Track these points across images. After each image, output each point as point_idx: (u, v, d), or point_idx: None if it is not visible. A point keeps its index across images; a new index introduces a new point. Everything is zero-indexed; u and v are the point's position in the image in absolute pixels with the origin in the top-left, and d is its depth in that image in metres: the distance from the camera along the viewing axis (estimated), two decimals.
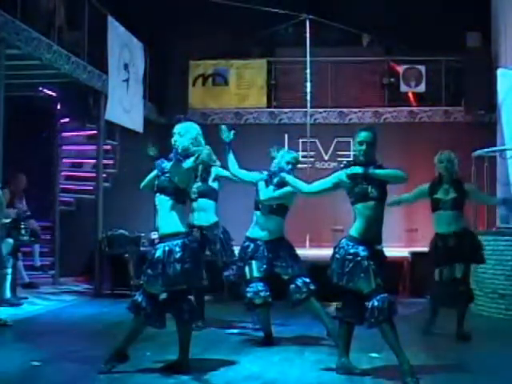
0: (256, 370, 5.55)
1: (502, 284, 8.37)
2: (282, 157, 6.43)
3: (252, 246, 6.45)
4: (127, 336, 5.32)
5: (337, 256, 5.21)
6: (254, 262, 6.40)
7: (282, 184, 6.12)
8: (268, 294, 6.34)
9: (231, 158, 6.25)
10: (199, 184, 7.32)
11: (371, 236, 5.19)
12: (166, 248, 5.18)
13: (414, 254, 10.53)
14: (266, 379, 5.28)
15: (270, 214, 6.45)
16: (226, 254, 7.45)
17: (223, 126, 6.11)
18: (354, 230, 5.23)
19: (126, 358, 5.30)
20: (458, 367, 5.73)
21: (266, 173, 6.50)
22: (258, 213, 6.51)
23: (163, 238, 5.28)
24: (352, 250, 5.14)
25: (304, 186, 5.61)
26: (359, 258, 5.10)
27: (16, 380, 5.28)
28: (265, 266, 6.38)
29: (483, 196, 7.35)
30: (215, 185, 7.46)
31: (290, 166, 6.32)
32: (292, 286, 6.37)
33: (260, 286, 6.33)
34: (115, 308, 8.72)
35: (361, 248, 5.13)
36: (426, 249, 7.43)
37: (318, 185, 5.51)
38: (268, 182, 6.44)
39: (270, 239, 6.43)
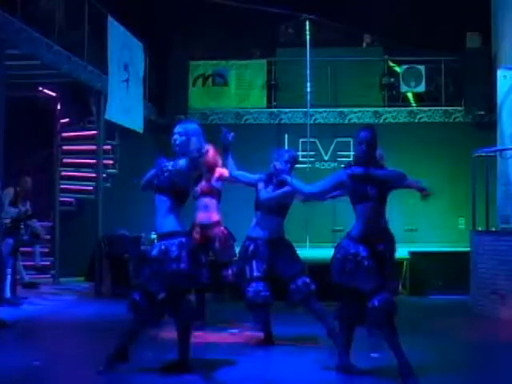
0: (256, 370, 5.55)
1: (502, 284, 8.36)
2: (280, 156, 6.43)
3: (252, 245, 6.44)
4: (127, 336, 5.32)
5: (337, 256, 5.21)
6: (254, 262, 6.38)
7: (281, 184, 6.11)
8: (268, 293, 6.32)
9: (230, 160, 6.24)
10: (203, 183, 7.32)
11: (372, 236, 5.19)
12: (163, 247, 5.17)
13: (414, 254, 10.54)
14: (266, 379, 5.28)
15: (270, 214, 6.44)
16: (225, 253, 7.45)
17: (223, 128, 6.05)
18: (355, 229, 5.23)
19: (126, 358, 5.30)
20: (457, 367, 5.73)
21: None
22: (259, 213, 6.50)
23: (160, 237, 5.28)
24: (353, 250, 5.14)
25: (305, 187, 5.61)
26: (360, 258, 5.10)
27: (16, 380, 5.28)
28: (265, 266, 6.36)
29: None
30: (219, 184, 7.45)
31: (288, 166, 6.32)
32: (292, 286, 6.36)
33: (260, 285, 6.31)
34: (115, 308, 8.72)
35: (361, 248, 5.13)
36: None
37: (318, 186, 5.50)
38: (267, 183, 6.44)
39: (270, 239, 6.43)
